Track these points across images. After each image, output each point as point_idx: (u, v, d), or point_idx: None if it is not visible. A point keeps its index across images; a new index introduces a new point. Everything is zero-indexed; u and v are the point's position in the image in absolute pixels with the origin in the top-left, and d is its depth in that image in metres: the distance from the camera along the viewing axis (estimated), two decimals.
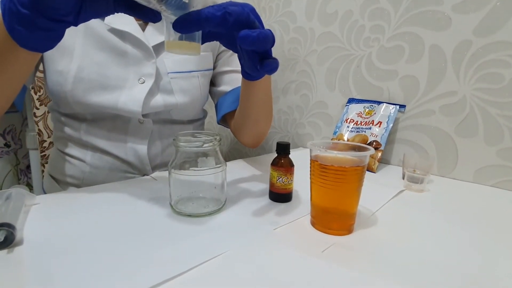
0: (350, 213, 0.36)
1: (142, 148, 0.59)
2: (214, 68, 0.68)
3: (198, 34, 0.34)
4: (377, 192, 0.50)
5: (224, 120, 0.70)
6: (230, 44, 0.39)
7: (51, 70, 0.53)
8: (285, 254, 0.31)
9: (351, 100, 0.76)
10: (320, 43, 0.82)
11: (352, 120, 0.72)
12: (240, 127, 0.63)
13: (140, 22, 0.56)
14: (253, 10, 0.35)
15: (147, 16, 0.32)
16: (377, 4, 0.69)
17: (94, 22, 0.53)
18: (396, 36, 0.67)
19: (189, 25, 0.31)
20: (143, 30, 0.56)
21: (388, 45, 0.69)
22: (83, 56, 0.53)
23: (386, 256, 0.32)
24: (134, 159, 0.59)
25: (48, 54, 0.53)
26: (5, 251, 0.30)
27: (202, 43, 0.36)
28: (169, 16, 0.31)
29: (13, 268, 0.27)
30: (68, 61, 0.52)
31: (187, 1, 0.30)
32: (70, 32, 0.51)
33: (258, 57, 0.36)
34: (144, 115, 0.57)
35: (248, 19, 0.33)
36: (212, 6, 0.32)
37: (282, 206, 0.43)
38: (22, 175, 1.26)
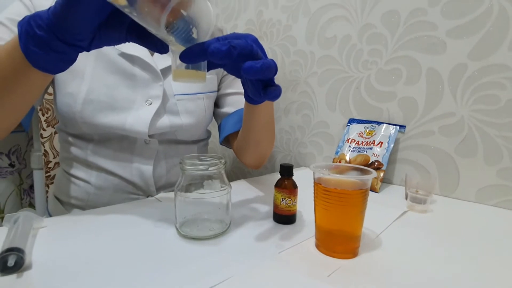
0: (355, 236, 0.37)
1: (147, 168, 0.60)
2: (218, 90, 0.70)
3: (204, 63, 0.36)
4: (380, 213, 0.50)
5: (227, 140, 0.71)
6: (234, 71, 0.40)
7: (62, 92, 0.55)
8: (291, 278, 0.31)
9: (351, 120, 0.77)
10: (320, 66, 0.84)
11: (353, 140, 0.73)
12: (243, 149, 0.64)
13: None
14: (255, 40, 0.37)
15: (156, 46, 0.34)
16: (374, 29, 0.72)
17: (106, 47, 0.55)
18: (393, 59, 0.70)
19: (195, 57, 0.33)
20: (152, 54, 0.59)
21: (386, 68, 0.71)
22: (94, 79, 0.55)
23: (392, 281, 0.32)
24: (139, 180, 0.60)
25: (60, 76, 0.55)
26: (14, 275, 0.30)
27: (208, 71, 0.37)
28: (176, 46, 0.33)
29: None
30: (79, 83, 0.54)
31: (195, 37, 0.32)
32: (82, 56, 0.53)
33: (262, 85, 0.38)
34: (150, 136, 0.58)
35: (252, 51, 0.34)
36: (218, 39, 0.34)
37: (286, 228, 0.44)
38: (24, 195, 1.26)
